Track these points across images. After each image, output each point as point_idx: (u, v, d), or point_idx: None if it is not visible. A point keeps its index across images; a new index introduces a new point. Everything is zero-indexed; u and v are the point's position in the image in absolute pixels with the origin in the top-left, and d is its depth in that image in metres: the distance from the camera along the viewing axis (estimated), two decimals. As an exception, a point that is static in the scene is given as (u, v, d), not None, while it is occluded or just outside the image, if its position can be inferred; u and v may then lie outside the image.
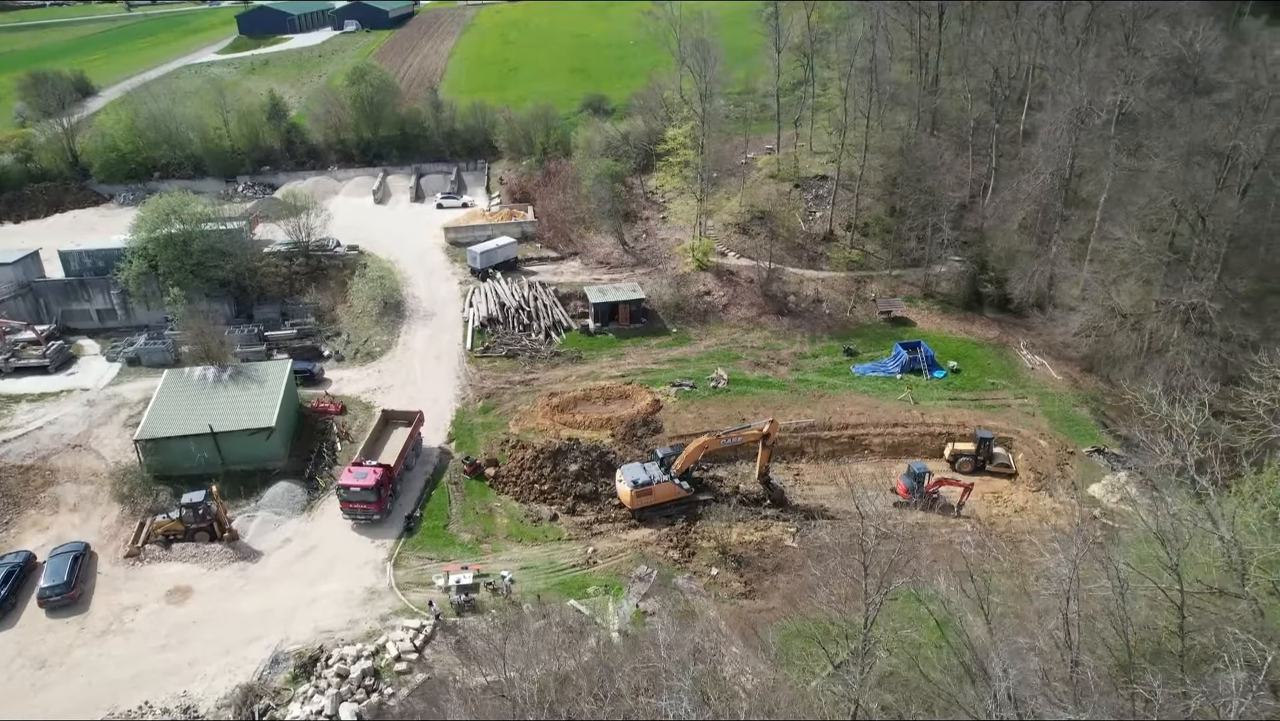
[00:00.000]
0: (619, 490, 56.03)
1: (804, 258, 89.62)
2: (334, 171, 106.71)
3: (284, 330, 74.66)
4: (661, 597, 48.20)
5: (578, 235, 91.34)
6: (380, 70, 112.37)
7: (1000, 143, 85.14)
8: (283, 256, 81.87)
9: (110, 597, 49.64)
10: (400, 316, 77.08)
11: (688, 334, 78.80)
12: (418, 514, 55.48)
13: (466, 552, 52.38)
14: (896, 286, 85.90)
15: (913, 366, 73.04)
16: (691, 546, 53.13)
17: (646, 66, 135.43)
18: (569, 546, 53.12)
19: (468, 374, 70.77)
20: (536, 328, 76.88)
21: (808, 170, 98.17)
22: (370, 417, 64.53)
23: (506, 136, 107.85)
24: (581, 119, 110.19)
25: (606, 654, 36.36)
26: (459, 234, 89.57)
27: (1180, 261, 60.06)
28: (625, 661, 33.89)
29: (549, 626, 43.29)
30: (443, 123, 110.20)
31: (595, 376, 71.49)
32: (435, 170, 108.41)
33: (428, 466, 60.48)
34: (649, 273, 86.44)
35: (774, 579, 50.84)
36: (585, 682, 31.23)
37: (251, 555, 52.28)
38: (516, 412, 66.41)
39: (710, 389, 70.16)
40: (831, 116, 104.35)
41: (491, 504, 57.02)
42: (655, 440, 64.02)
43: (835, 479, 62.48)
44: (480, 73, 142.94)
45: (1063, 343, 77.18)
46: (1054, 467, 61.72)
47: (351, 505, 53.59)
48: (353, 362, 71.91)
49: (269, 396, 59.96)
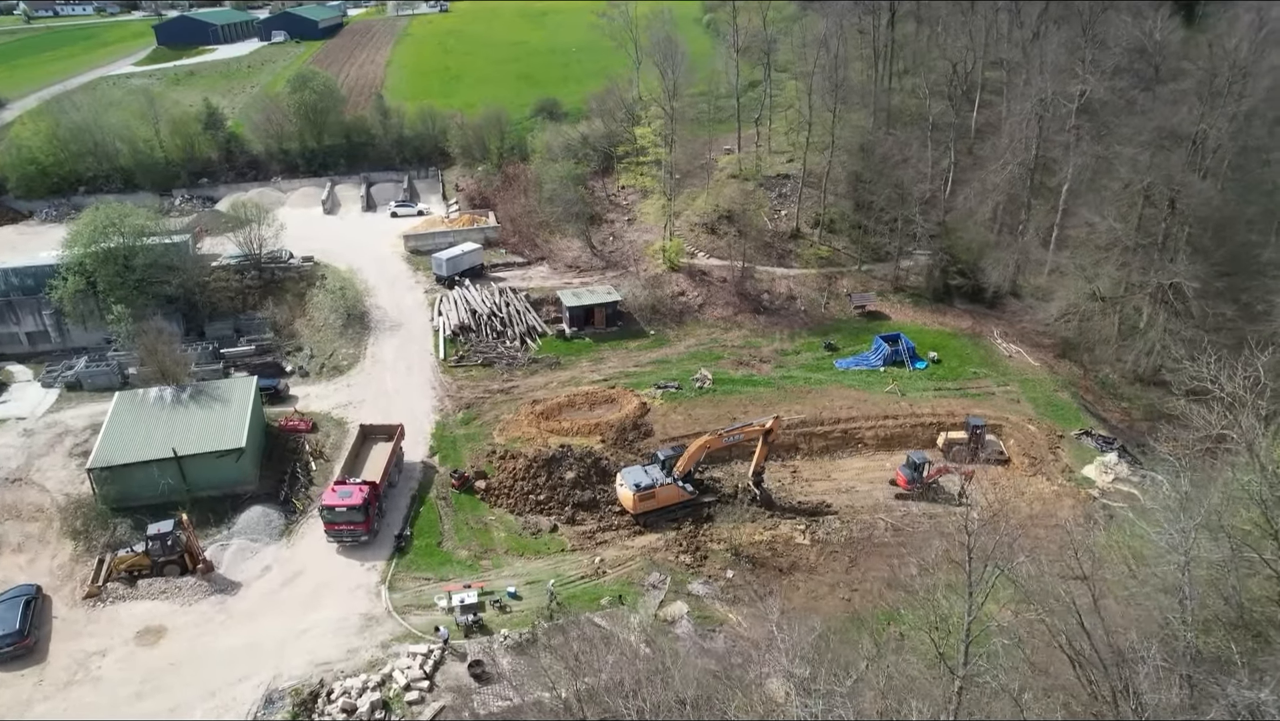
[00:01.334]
0: (620, 495, 53.71)
1: (773, 256, 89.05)
2: (278, 182, 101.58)
3: (241, 346, 69.92)
4: (678, 604, 46.08)
5: (543, 239, 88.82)
6: (324, 76, 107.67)
7: (959, 137, 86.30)
8: (233, 270, 76.98)
9: (71, 644, 44.78)
10: (365, 328, 73.19)
11: (666, 335, 77.10)
12: (408, 532, 52.04)
13: (466, 570, 49.23)
14: (867, 282, 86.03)
15: (895, 359, 72.91)
16: (702, 550, 51.16)
17: (594, 71, 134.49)
18: (574, 557, 50.50)
19: (443, 384, 67.44)
20: (511, 334, 74.02)
21: (769, 169, 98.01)
22: (344, 434, 60.70)
23: (459, 142, 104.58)
24: (536, 123, 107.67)
25: (653, 667, 34.02)
26: (419, 241, 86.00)
27: (1154, 244, 61.21)
28: (679, 671, 31.63)
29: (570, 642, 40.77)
30: (391, 130, 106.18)
31: (577, 382, 69.07)
32: (385, 179, 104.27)
33: (411, 482, 57.04)
34: (620, 275, 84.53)
35: (791, 578, 49.29)
36: (644, 698, 28.85)
37: (229, 587, 48.01)
38: (500, 422, 63.46)
39: (696, 389, 68.51)
40: (788, 116, 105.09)
41: (485, 518, 53.97)
42: (647, 443, 62.01)
43: (831, 474, 61.65)
44: (422, 81, 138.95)
45: (1035, 330, 78.49)
46: (1047, 452, 62.05)
47: (337, 527, 49.87)
48: (319, 378, 67.73)
49: (236, 415, 55.65)
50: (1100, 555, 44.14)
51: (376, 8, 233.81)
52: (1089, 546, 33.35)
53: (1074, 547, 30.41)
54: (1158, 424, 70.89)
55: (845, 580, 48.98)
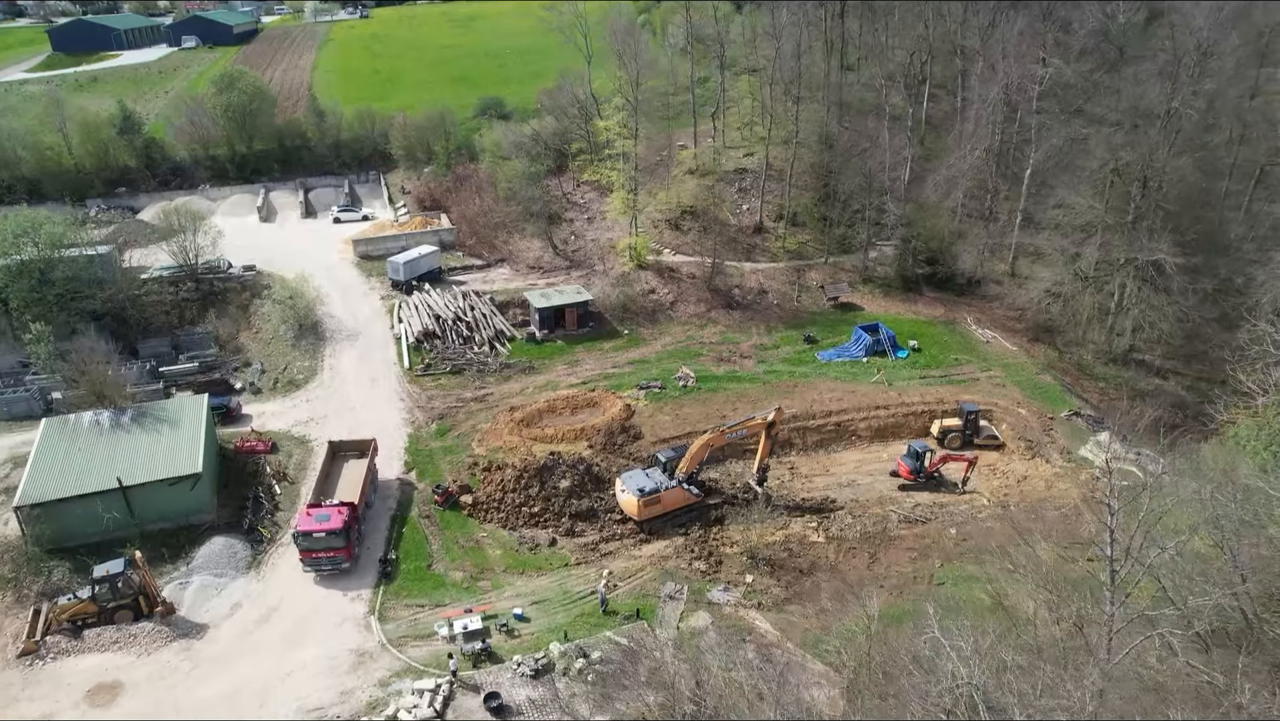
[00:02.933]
0: (622, 501, 50.14)
1: (739, 250, 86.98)
2: (205, 190, 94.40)
3: (182, 364, 63.54)
4: (700, 614, 42.81)
5: (502, 240, 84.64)
6: (251, 77, 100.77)
7: (923, 126, 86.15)
8: (167, 282, 70.29)
9: (7, 712, 38.56)
10: (320, 339, 67.66)
11: (640, 335, 73.97)
12: (392, 556, 47.28)
13: (463, 594, 44.83)
14: (835, 274, 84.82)
15: (876, 348, 71.57)
16: (716, 555, 48.02)
17: (532, 72, 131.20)
18: (580, 572, 46.65)
19: (412, 395, 62.63)
20: (479, 339, 69.64)
21: (726, 165, 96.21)
22: (309, 453, 55.41)
23: (401, 144, 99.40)
24: (483, 123, 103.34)
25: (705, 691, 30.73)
26: (370, 246, 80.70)
27: (1133, 222, 61.33)
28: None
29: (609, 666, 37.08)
30: (327, 133, 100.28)
31: (554, 386, 65.22)
32: (324, 184, 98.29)
33: (389, 501, 52.21)
34: (586, 274, 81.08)
35: (813, 579, 46.56)
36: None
37: (194, 630, 42.39)
38: (478, 432, 59.12)
39: (680, 388, 65.53)
40: (741, 110, 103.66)
41: (477, 535, 49.60)
42: (637, 446, 58.65)
43: (829, 469, 59.49)
44: (352, 85, 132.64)
45: (1008, 315, 78.54)
46: (1041, 434, 61.29)
47: (314, 554, 44.79)
48: (273, 394, 61.96)
49: (189, 438, 49.82)
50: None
51: (293, 14, 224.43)
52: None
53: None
54: (1134, 402, 72.37)
55: (869, 576, 46.59)
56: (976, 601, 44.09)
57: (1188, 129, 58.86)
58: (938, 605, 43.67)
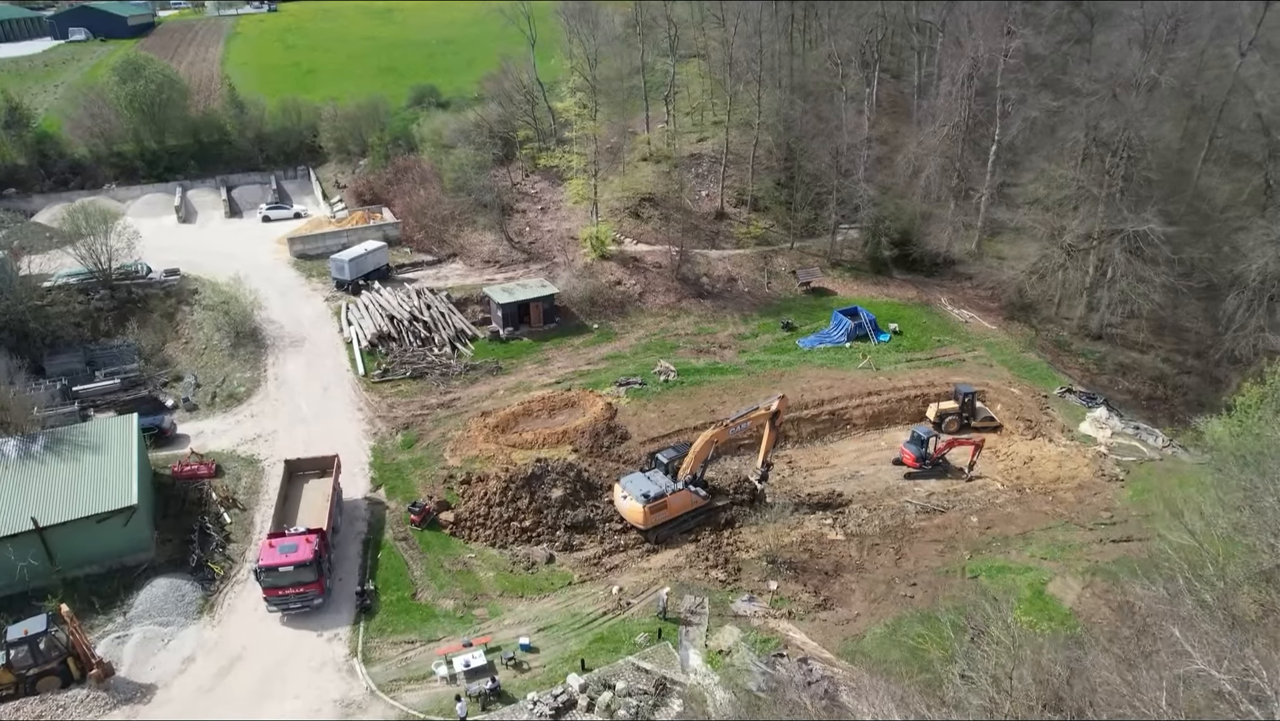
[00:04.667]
0: (625, 509, 45.47)
1: (702, 238, 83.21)
2: (112, 190, 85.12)
3: (100, 382, 55.72)
4: (728, 630, 38.62)
5: (452, 234, 78.64)
6: (159, 64, 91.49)
7: (877, 106, 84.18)
8: (75, 290, 62.01)
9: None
10: (261, 346, 60.68)
11: (611, 328, 69.38)
12: (371, 586, 41.47)
13: (458, 625, 39.48)
14: (802, 258, 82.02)
15: (858, 333, 68.88)
16: (733, 561, 43.89)
17: (462, 63, 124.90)
18: (586, 590, 41.84)
19: (370, 403, 56.51)
20: (439, 340, 63.82)
21: (681, 150, 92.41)
22: (259, 474, 48.91)
23: (332, 136, 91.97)
24: (420, 113, 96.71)
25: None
26: (308, 245, 73.68)
27: (1118, 192, 60.07)
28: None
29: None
30: (249, 126, 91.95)
31: (526, 387, 60.07)
32: (248, 181, 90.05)
33: (358, 524, 46.28)
34: (546, 267, 75.97)
35: (841, 580, 42.91)
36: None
37: (139, 693, 35.83)
38: (449, 441, 53.58)
39: (662, 383, 61.30)
40: (692, 94, 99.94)
41: (463, 556, 44.19)
42: (625, 448, 54.14)
43: (829, 461, 56.22)
44: (271, 77, 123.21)
45: (981, 295, 77.10)
46: (1038, 413, 59.44)
47: (281, 591, 38.70)
48: (212, 410, 54.85)
49: (119, 465, 42.74)
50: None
51: (194, 8, 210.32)
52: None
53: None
54: (1115, 377, 71.77)
55: (898, 574, 43.23)
56: (1016, 592, 41.30)
57: (1167, 96, 57.81)
58: (981, 599, 40.80)
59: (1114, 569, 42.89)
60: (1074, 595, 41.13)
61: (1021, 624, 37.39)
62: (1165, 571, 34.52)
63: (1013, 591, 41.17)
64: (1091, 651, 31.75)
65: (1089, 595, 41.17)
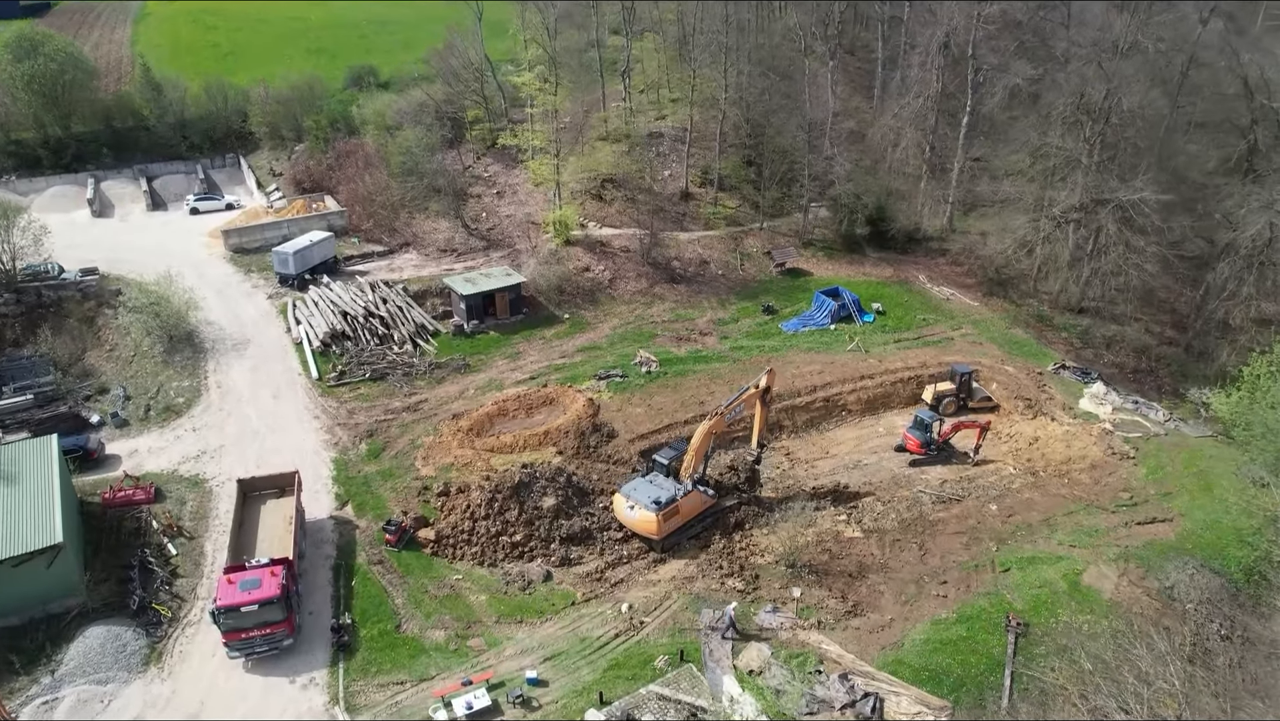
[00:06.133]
0: (633, 520, 41.06)
1: (668, 220, 79.19)
2: (12, 182, 76.40)
3: (9, 398, 48.76)
4: (755, 646, 34.93)
5: (404, 222, 72.85)
6: (61, 40, 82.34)
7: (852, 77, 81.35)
8: (-26, 294, 54.66)
9: None
10: (199, 351, 54.32)
11: (583, 318, 64.97)
12: (347, 620, 36.44)
13: (452, 659, 34.82)
14: (773, 238, 78.78)
15: (842, 314, 66.00)
16: (749, 567, 40.20)
17: (397, 43, 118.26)
18: (593, 610, 37.63)
19: (328, 409, 50.96)
20: (398, 337, 58.44)
21: (640, 129, 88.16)
22: (206, 496, 43.15)
23: (264, 120, 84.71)
24: (361, 94, 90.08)
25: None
26: (245, 237, 67.05)
27: (1109, 160, 58.25)
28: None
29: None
30: (169, 110, 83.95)
31: (499, 385, 55.28)
32: (171, 171, 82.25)
33: (324, 547, 41.06)
34: (508, 255, 71.05)
35: (867, 582, 39.64)
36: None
37: (78, 766, 30.32)
38: (419, 448, 48.53)
39: (644, 375, 57.26)
40: (647, 70, 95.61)
41: (449, 579, 39.45)
42: (614, 447, 49.94)
43: (829, 450, 53.10)
44: (187, 59, 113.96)
45: (958, 271, 75.15)
46: (1037, 391, 57.41)
47: (246, 634, 33.41)
48: (145, 425, 48.49)
49: (38, 497, 36.61)
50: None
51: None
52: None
53: None
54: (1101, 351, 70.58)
55: (925, 572, 40.23)
56: (1052, 585, 38.74)
57: (1153, 60, 56.13)
58: (1015, 596, 38.11)
59: (1145, 553, 40.86)
60: (1111, 584, 38.75)
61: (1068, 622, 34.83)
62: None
63: (1048, 584, 38.65)
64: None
65: (1126, 584, 38.85)
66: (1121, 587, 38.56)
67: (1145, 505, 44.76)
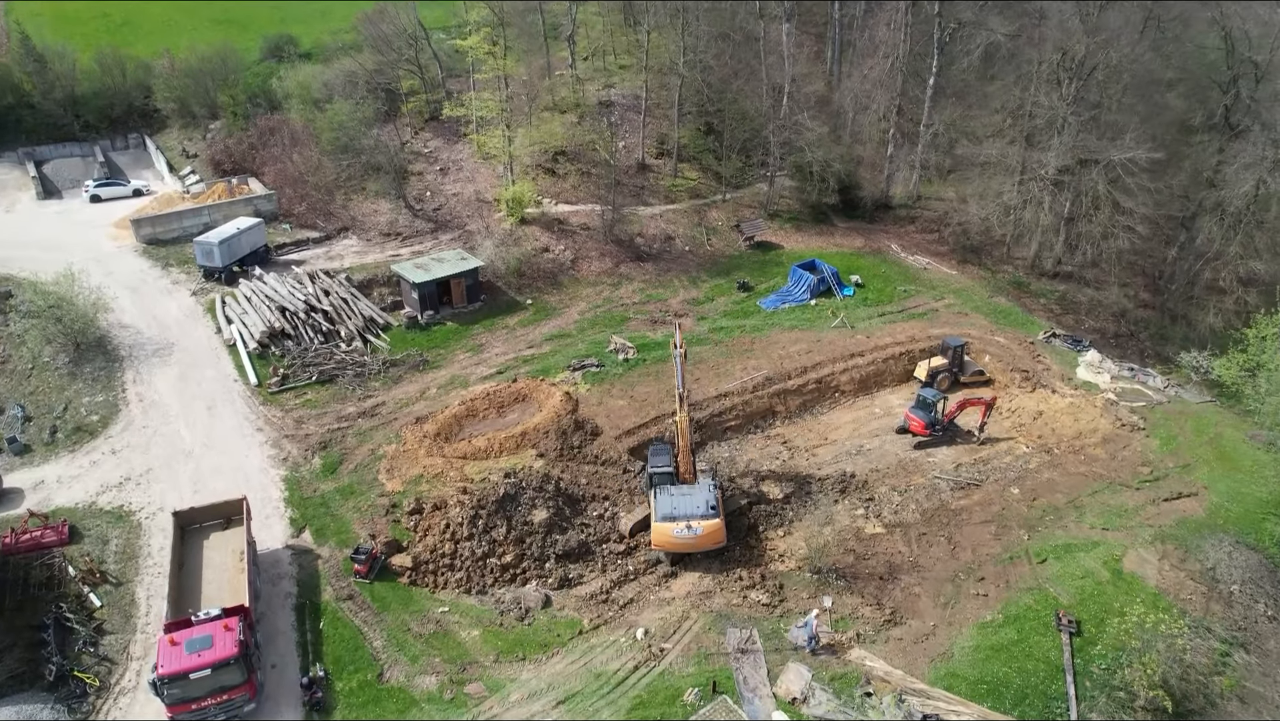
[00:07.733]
0: (696, 536, 35.08)
1: (626, 193, 74.16)
2: None
3: (-120, 427, 41.07)
4: (793, 668, 31.02)
5: (339, 205, 65.99)
6: (-79, 7, 72.19)
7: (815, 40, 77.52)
8: None
9: None
10: (113, 359, 47.09)
11: (547, 303, 59.83)
12: (319, 672, 31.00)
13: (448, 710, 29.84)
14: (738, 210, 74.78)
15: (821, 289, 62.51)
16: (772, 576, 36.21)
17: (317, 11, 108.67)
18: (603, 639, 33.07)
19: (272, 420, 44.72)
20: (345, 333, 52.25)
21: (589, 98, 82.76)
22: (135, 532, 36.78)
23: (170, 96, 76.02)
24: (283, 66, 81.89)
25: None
26: (159, 227, 59.33)
27: (1095, 118, 55.89)
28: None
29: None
30: (57, 85, 74.49)
31: (463, 382, 49.84)
32: (64, 154, 73.07)
33: (283, 584, 35.34)
34: (459, 237, 65.09)
35: (900, 584, 36.14)
36: None
37: None
38: (381, 459, 42.94)
39: (621, 363, 52.65)
40: (592, 35, 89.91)
41: (433, 613, 34.30)
42: (599, 446, 45.21)
43: (826, 436, 49.57)
44: (73, 29, 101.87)
45: (929, 239, 72.67)
46: (1032, 362, 55.00)
47: (199, 704, 27.70)
48: (52, 449, 41.41)
49: (-79, 551, 29.95)
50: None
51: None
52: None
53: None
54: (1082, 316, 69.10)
55: (959, 568, 37.00)
56: (1094, 574, 36.01)
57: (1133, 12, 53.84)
58: (1059, 590, 35.23)
59: (1179, 532, 38.59)
60: (1154, 570, 36.25)
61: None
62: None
63: (1090, 574, 35.91)
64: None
65: (1168, 567, 36.43)
66: (1165, 572, 36.09)
67: (1167, 479, 42.56)
